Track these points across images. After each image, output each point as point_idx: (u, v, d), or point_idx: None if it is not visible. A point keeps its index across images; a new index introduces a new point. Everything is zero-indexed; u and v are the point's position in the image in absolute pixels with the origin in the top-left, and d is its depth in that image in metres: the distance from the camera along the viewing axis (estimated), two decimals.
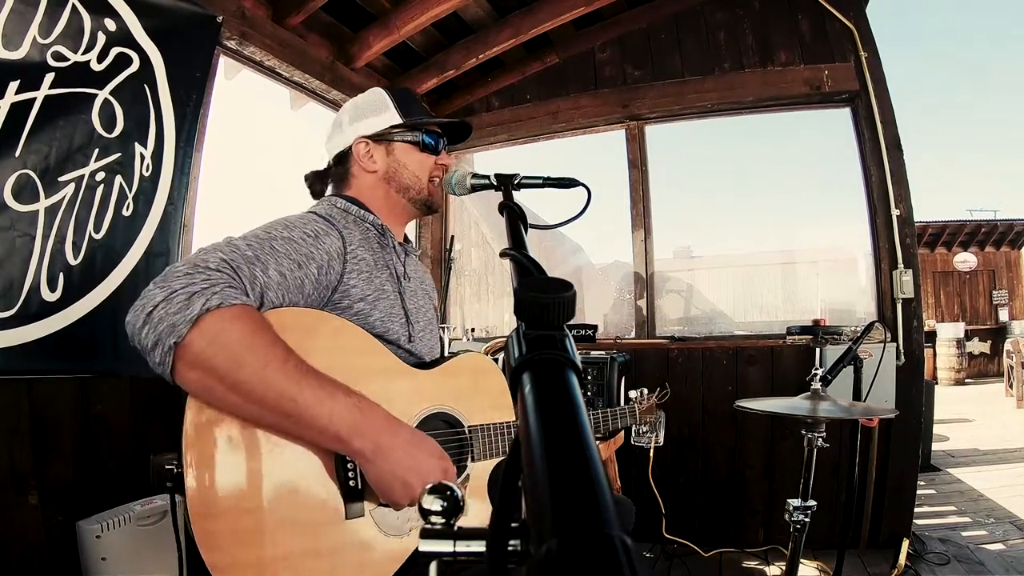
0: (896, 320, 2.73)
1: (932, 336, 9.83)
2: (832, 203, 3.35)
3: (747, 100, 3.06)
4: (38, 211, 1.57)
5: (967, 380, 10.05)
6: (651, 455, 2.59)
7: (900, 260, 2.74)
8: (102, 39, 1.72)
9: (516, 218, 0.75)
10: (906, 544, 2.53)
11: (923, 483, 3.71)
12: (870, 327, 2.07)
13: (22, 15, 1.53)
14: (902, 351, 2.71)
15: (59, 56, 1.61)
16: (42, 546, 1.60)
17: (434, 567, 0.45)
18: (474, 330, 3.60)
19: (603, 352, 2.56)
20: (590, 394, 2.47)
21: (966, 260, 11.98)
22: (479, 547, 0.42)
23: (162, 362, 0.82)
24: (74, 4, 1.64)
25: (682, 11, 3.21)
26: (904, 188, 2.78)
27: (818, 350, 2.47)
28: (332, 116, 1.31)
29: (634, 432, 1.67)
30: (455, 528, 0.44)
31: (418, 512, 0.44)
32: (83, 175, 1.68)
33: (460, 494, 0.45)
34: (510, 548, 0.35)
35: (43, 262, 1.58)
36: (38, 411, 1.63)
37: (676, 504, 2.86)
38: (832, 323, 2.42)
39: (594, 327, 3.10)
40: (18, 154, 1.52)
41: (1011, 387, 7.79)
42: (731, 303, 3.74)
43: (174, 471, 0.86)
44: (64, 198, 1.63)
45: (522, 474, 0.31)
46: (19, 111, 1.52)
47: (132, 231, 1.83)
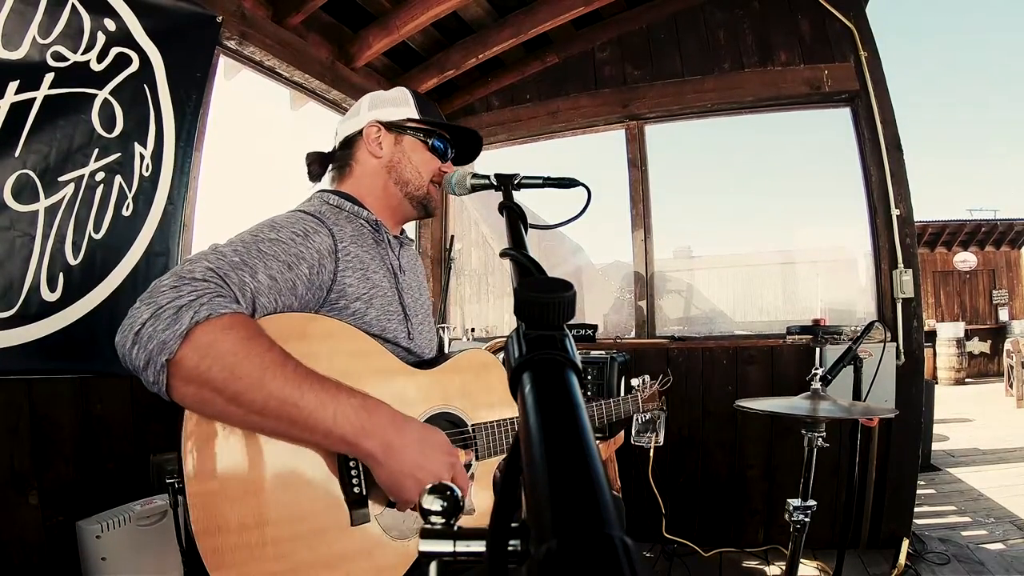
0: (896, 320, 2.73)
1: (932, 336, 9.83)
2: (832, 203, 3.34)
3: (747, 100, 3.06)
4: (38, 211, 1.57)
5: (967, 380, 10.05)
6: (651, 455, 2.58)
7: (900, 260, 2.74)
8: (102, 39, 1.72)
9: (516, 218, 0.75)
10: (906, 544, 2.53)
11: (923, 483, 3.70)
12: (870, 327, 2.07)
13: (22, 15, 1.53)
14: (902, 351, 2.71)
15: (59, 56, 1.61)
16: (42, 546, 1.60)
17: (434, 567, 0.44)
18: (474, 330, 3.59)
19: (603, 352, 2.57)
20: (590, 394, 2.47)
21: (966, 260, 11.98)
22: (479, 547, 0.42)
23: (156, 381, 0.79)
24: (74, 4, 1.64)
25: (682, 11, 3.20)
26: (904, 188, 2.78)
27: (818, 350, 2.47)
28: (332, 116, 1.31)
29: (634, 432, 1.67)
30: (455, 528, 0.44)
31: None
32: (83, 175, 1.68)
33: (460, 494, 0.45)
34: (510, 548, 0.35)
35: (43, 262, 1.58)
36: (38, 411, 1.63)
37: (676, 504, 2.86)
38: (832, 323, 2.43)
39: (594, 327, 3.11)
40: (18, 154, 1.52)
41: (1011, 387, 7.79)
42: (731, 303, 3.74)
43: (175, 485, 0.83)
44: (64, 198, 1.63)
45: (522, 474, 0.31)
46: (19, 111, 1.52)
47: (132, 231, 1.83)
